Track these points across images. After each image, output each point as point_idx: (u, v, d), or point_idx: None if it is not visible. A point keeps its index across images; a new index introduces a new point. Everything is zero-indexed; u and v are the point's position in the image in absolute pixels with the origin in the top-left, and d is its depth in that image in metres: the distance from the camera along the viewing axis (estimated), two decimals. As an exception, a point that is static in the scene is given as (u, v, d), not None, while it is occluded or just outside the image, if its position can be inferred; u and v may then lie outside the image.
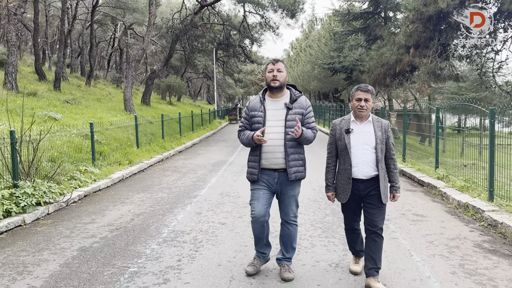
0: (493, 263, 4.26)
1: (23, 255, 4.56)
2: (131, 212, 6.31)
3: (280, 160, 3.70)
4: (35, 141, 6.74)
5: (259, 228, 3.78)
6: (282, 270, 3.84)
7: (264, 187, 3.77)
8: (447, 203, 6.81)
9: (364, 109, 3.62)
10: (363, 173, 3.65)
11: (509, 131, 7.66)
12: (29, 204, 5.91)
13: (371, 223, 3.66)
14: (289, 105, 3.69)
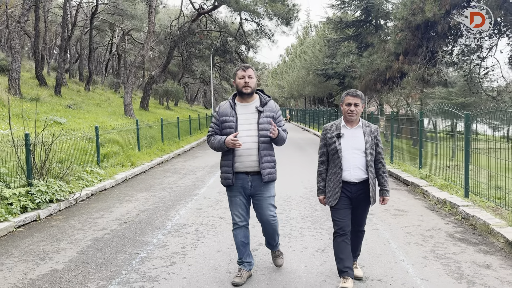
0: (460, 249, 4.83)
1: (43, 244, 5.09)
2: (137, 208, 6.85)
3: (254, 163, 3.78)
4: (46, 143, 7.27)
5: (242, 233, 3.88)
6: (273, 255, 4.21)
7: (239, 193, 3.85)
8: (428, 200, 7.39)
9: (354, 114, 3.69)
10: (355, 177, 3.72)
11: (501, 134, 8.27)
12: (43, 201, 6.43)
13: (358, 224, 3.91)
14: (261, 109, 3.79)
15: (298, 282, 3.91)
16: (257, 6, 20.02)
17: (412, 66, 15.21)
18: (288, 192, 7.84)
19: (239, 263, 3.95)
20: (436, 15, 13.85)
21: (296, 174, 9.64)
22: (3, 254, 4.74)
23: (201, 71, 31.19)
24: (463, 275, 4.08)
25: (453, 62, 16.70)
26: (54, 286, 3.86)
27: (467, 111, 7.63)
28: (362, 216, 3.91)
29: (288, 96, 55.37)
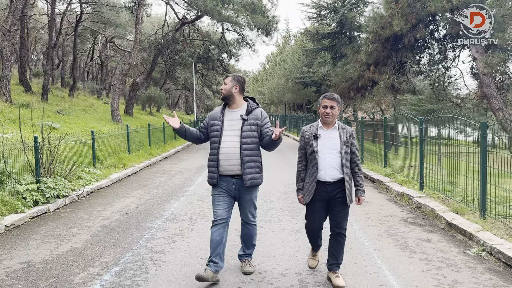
0: (409, 230, 5.90)
1: (58, 231, 5.93)
2: (134, 203, 7.72)
3: (236, 167, 3.95)
4: (52, 145, 8.07)
5: (218, 231, 3.96)
6: (243, 265, 4.25)
7: (223, 192, 4.03)
8: (389, 194, 8.51)
9: (330, 116, 3.86)
10: (330, 176, 3.88)
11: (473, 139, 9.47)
12: (52, 196, 7.25)
13: (336, 224, 3.97)
14: (245, 117, 3.98)
15: (276, 252, 4.90)
16: (239, 17, 21.11)
17: (382, 76, 16.47)
18: (269, 188, 8.83)
19: (207, 263, 3.98)
20: (403, 29, 15.15)
21: (276, 174, 10.64)
22: (26, 238, 5.57)
23: (184, 78, 32.01)
24: (408, 246, 5.14)
25: (420, 71, 18.06)
26: (77, 259, 4.73)
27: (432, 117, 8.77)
28: (341, 218, 3.96)
29: (269, 102, 56.59)
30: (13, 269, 4.44)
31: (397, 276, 4.19)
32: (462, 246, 5.14)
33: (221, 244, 3.94)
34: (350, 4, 19.85)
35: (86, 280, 4.11)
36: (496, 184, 6.03)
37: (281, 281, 4.07)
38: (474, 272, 4.30)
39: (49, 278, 4.18)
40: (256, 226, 4.29)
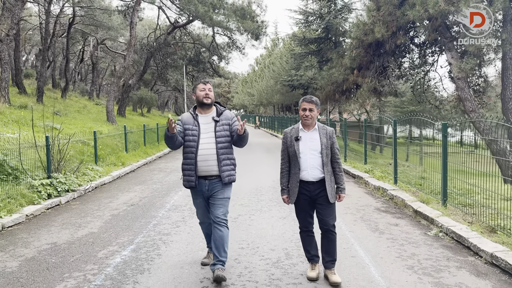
0: (381, 216, 6.80)
1: (74, 219, 6.70)
2: (137, 196, 8.50)
3: (213, 168, 4.12)
4: (61, 145, 8.81)
5: (207, 227, 4.46)
6: (216, 272, 3.96)
7: (200, 195, 4.24)
8: (367, 187, 9.43)
9: (309, 118, 3.99)
10: (312, 176, 4.02)
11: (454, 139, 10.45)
12: (63, 190, 8.00)
13: (324, 222, 4.10)
14: (217, 118, 4.18)
15: (266, 233, 5.75)
16: (229, 22, 21.94)
17: (365, 79, 17.45)
18: (259, 183, 9.69)
19: (209, 247, 4.61)
20: (384, 36, 16.13)
21: (265, 171, 11.50)
22: (46, 225, 6.34)
23: (176, 80, 32.70)
24: (378, 229, 6.04)
25: (401, 75, 19.11)
26: (96, 240, 5.52)
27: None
28: (327, 215, 4.08)
29: (258, 104, 57.49)
30: (43, 248, 5.22)
31: (366, 250, 5.08)
32: (424, 229, 6.06)
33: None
34: (336, 11, 20.85)
35: (108, 255, 4.91)
36: (459, 178, 6.98)
37: (271, 254, 4.93)
38: (430, 248, 5.20)
39: (76, 254, 4.97)
40: (228, 229, 4.20)
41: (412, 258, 4.79)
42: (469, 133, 17.05)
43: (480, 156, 6.79)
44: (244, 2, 22.04)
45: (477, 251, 4.92)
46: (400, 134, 15.75)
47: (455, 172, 7.15)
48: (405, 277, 4.25)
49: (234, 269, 4.46)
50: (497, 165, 11.16)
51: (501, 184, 6.52)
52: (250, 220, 6.45)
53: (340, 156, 4.25)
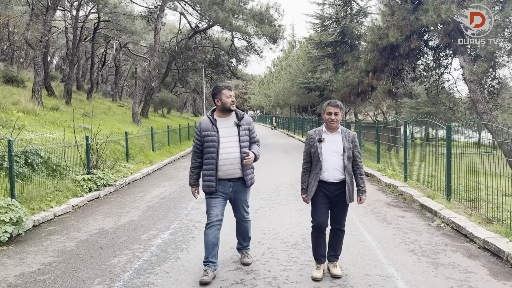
0: (390, 210, 7.47)
1: (114, 210, 7.56)
2: (167, 191, 9.34)
3: (236, 170, 4.24)
4: (99, 144, 9.72)
5: (213, 233, 4.23)
6: (242, 256, 4.65)
7: (220, 196, 4.31)
8: (379, 185, 10.08)
9: (334, 122, 4.13)
10: (333, 177, 4.15)
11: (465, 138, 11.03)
12: (102, 184, 8.90)
13: (337, 221, 4.31)
14: (239, 123, 4.28)
15: (285, 222, 6.49)
16: (248, 27, 22.74)
17: (380, 82, 18.00)
18: (277, 180, 10.43)
19: (205, 263, 4.26)
20: (398, 40, 16.67)
21: (283, 169, 12.24)
22: (91, 214, 7.21)
23: (196, 82, 33.71)
24: (386, 220, 6.71)
25: (416, 77, 19.57)
26: (138, 226, 6.35)
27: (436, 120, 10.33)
28: (341, 215, 4.29)
29: (274, 105, 58.20)
30: (93, 232, 6.07)
31: (373, 237, 5.77)
32: (428, 220, 6.71)
33: (216, 246, 4.26)
34: (351, 15, 21.44)
35: (150, 237, 5.73)
36: (465, 177, 7.59)
37: (290, 238, 5.67)
38: (431, 235, 5.86)
39: (122, 237, 5.80)
40: (250, 222, 4.63)
41: (414, 244, 5.47)
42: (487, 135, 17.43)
43: (486, 157, 7.39)
44: (262, 7, 22.85)
45: (472, 238, 5.56)
46: (417, 135, 16.32)
47: (463, 171, 7.74)
48: (406, 257, 4.94)
49: (258, 249, 5.22)
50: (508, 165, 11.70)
51: (506, 182, 7.11)
52: (270, 212, 7.21)
53: (361, 160, 4.34)
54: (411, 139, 28.59)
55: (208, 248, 4.23)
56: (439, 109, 21.37)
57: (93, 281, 4.27)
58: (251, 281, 4.22)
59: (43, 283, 4.25)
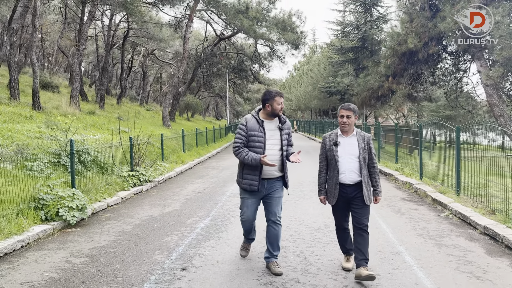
0: (404, 204, 8.25)
1: (157, 201, 8.59)
2: (201, 187, 10.34)
3: (276, 172, 4.45)
4: (141, 144, 10.81)
5: (248, 226, 4.71)
6: (272, 266, 4.49)
7: (255, 196, 4.49)
8: (396, 183, 10.83)
9: (346, 125, 4.21)
10: (350, 179, 4.24)
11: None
12: (144, 180, 9.96)
13: (358, 221, 4.29)
14: (282, 127, 4.51)
15: (308, 212, 7.37)
16: (271, 34, 23.74)
17: (399, 86, 18.68)
18: (301, 178, 11.30)
19: (245, 239, 4.90)
20: (416, 46, 17.36)
21: (305, 169, 13.09)
22: (139, 205, 8.25)
23: (220, 87, 34.93)
24: (400, 211, 7.51)
25: (435, 81, 20.14)
26: (181, 214, 7.34)
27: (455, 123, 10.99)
28: (361, 215, 4.29)
29: (296, 108, 59.00)
30: (144, 219, 7.10)
31: (387, 224, 6.59)
32: (438, 212, 7.48)
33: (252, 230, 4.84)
34: (371, 22, 22.15)
35: (193, 222, 6.71)
36: (479, 176, 8.30)
37: (313, 224, 6.55)
38: (439, 224, 6.64)
39: (170, 222, 6.80)
40: (281, 226, 4.61)
41: (423, 230, 6.27)
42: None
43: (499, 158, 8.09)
44: (284, 15, 23.80)
45: (475, 225, 6.33)
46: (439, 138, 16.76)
47: (478, 171, 8.42)
48: (414, 240, 5.76)
49: (286, 232, 6.12)
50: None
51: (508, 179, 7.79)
52: (295, 204, 8.09)
53: (376, 161, 4.45)
54: (433, 142, 28.90)
55: (248, 232, 4.79)
56: (458, 112, 21.80)
57: (154, 253, 5.25)
58: (283, 254, 5.12)
59: (113, 254, 5.26)
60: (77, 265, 4.86)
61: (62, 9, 29.17)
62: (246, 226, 4.69)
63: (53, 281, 4.37)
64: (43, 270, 4.69)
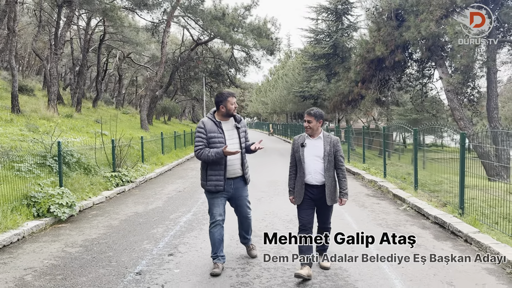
0: (368, 199, 9.07)
1: (141, 200, 9.12)
2: (181, 186, 10.91)
3: (238, 170, 4.59)
4: (122, 146, 11.29)
5: (219, 231, 4.59)
6: (249, 249, 5.12)
7: (223, 196, 4.60)
8: (363, 181, 11.70)
9: (308, 128, 4.39)
10: (316, 180, 4.37)
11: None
12: (126, 180, 10.46)
13: (322, 221, 4.59)
14: (238, 125, 4.64)
15: (282, 207, 8.08)
16: (247, 40, 24.49)
17: (368, 91, 19.71)
18: (275, 178, 12.01)
19: (214, 258, 4.63)
20: (383, 53, 18.40)
21: (280, 169, 13.83)
22: (123, 203, 8.77)
23: (197, 91, 35.40)
24: (364, 205, 8.32)
25: (401, 87, 21.30)
26: (164, 210, 7.91)
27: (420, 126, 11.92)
28: (326, 215, 4.54)
29: (271, 112, 59.94)
30: (129, 215, 7.64)
31: (352, 216, 7.37)
32: (397, 206, 8.32)
33: (222, 241, 4.66)
34: (342, 30, 23.21)
35: (176, 217, 7.30)
36: (438, 174, 9.21)
37: (286, 217, 7.26)
38: (397, 216, 7.46)
39: (155, 217, 7.37)
40: (251, 217, 4.96)
41: (382, 220, 7.08)
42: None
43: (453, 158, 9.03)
44: (260, 22, 24.60)
45: (428, 216, 7.18)
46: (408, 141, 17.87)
47: (438, 170, 9.35)
48: (373, 228, 6.54)
49: (262, 223, 6.80)
50: (482, 166, 13.37)
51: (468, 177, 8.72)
52: (270, 200, 8.80)
53: (344, 163, 4.52)
54: (403, 144, 30.45)
55: (215, 245, 4.58)
56: (424, 116, 23.06)
57: (142, 243, 5.84)
58: (259, 240, 5.80)
59: (105, 244, 5.81)
60: (73, 253, 5.40)
61: (37, 12, 29.08)
62: (216, 233, 4.58)
63: (54, 267, 4.90)
64: (43, 258, 5.21)
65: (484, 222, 6.43)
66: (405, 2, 17.28)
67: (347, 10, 23.81)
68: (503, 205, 7.05)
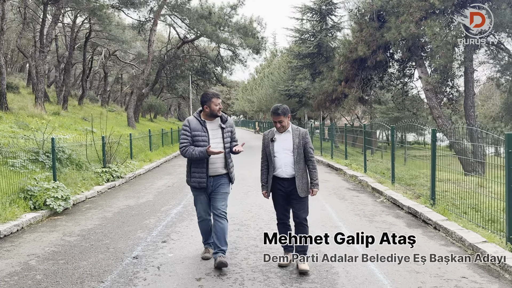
0: (349, 192, 9.60)
1: (132, 194, 9.48)
2: (170, 181, 11.29)
3: (220, 169, 4.65)
4: (112, 142, 11.61)
5: (206, 224, 4.91)
6: (219, 259, 4.51)
7: (203, 192, 4.72)
8: (345, 176, 12.25)
9: (280, 128, 4.48)
10: (286, 173, 4.43)
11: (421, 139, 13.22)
12: (116, 176, 10.80)
13: (296, 215, 4.52)
14: (223, 125, 4.69)
15: (266, 200, 8.50)
16: (234, 39, 24.87)
17: (351, 90, 20.30)
18: (258, 175, 12.46)
19: (205, 244, 5.07)
20: (366, 53, 19.00)
21: (256, 165, 14.30)
22: (114, 197, 9.12)
23: (183, 89, 35.63)
24: (344, 198, 8.84)
25: (383, 86, 21.97)
26: (155, 203, 8.30)
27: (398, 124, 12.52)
28: (298, 208, 4.49)
29: (258, 110, 60.39)
30: (122, 208, 8.01)
31: (332, 207, 7.87)
32: (375, 198, 8.87)
33: (211, 231, 4.91)
34: (326, 30, 23.78)
35: (167, 209, 7.71)
36: (415, 169, 9.78)
37: (271, 209, 7.68)
38: (374, 207, 8.00)
39: (146, 209, 7.76)
40: (227, 222, 4.73)
41: (360, 211, 7.60)
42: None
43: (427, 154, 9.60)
44: (246, 21, 25.01)
45: (402, 207, 7.73)
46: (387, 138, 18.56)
47: (416, 166, 9.94)
48: (352, 218, 7.06)
49: (248, 214, 7.26)
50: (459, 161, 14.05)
51: (443, 172, 9.31)
52: (256, 194, 9.25)
53: (313, 155, 4.59)
54: (386, 142, 31.07)
55: (205, 235, 5.02)
56: (405, 114, 23.79)
57: (136, 232, 6.23)
58: (245, 229, 6.26)
59: (101, 233, 6.19)
60: (72, 242, 5.77)
61: (21, 9, 28.93)
62: (204, 226, 4.93)
63: (55, 253, 5.28)
64: (43, 246, 5.58)
65: (454, 212, 7.00)
66: (386, 3, 17.89)
67: (331, 10, 24.41)
68: (473, 197, 7.64)
